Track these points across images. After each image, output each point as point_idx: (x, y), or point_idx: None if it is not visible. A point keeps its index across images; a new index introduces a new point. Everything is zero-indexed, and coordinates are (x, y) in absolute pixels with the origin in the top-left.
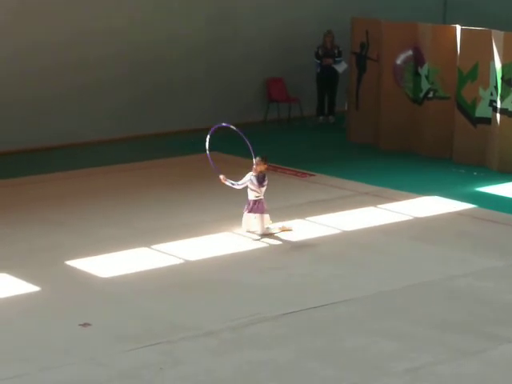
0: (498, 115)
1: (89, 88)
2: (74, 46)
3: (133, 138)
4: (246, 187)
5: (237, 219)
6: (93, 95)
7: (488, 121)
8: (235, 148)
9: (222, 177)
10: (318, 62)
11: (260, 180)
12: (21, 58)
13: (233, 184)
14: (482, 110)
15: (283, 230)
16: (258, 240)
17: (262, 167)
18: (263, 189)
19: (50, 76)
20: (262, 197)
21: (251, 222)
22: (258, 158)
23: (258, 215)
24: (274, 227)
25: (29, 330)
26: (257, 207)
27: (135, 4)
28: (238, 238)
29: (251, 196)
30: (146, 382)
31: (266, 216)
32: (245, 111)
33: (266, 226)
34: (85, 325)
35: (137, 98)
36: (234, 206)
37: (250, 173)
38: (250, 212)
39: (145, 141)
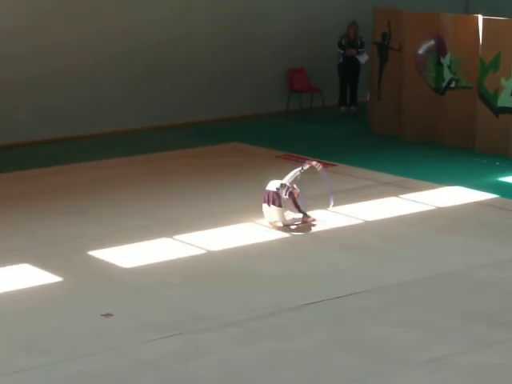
0: None
1: (116, 79)
2: (92, 44)
3: (159, 128)
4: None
5: (259, 209)
6: (119, 85)
7: (510, 110)
8: (257, 139)
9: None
10: (341, 52)
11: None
12: (37, 56)
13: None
14: (504, 100)
15: (305, 222)
16: (280, 230)
17: (310, 166)
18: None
19: (85, 68)
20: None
21: (272, 212)
22: (313, 161)
23: (278, 208)
24: (298, 218)
25: (51, 321)
26: (277, 200)
27: (156, 2)
28: (259, 228)
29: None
30: (169, 372)
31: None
32: (267, 101)
33: (288, 218)
34: (107, 315)
35: (160, 88)
36: (256, 196)
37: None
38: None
39: (170, 131)
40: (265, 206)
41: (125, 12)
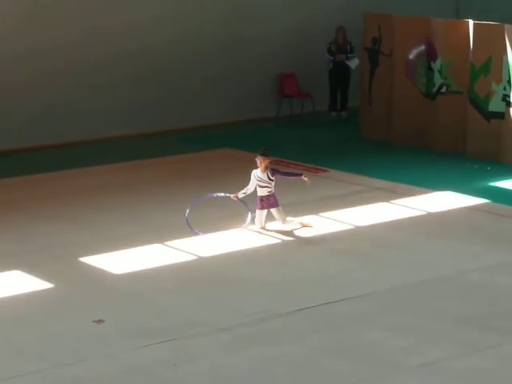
0: (511, 110)
1: (105, 85)
2: (87, 45)
3: (146, 135)
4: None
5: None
6: (108, 92)
7: (501, 115)
8: (247, 144)
9: (232, 196)
10: (331, 58)
11: (272, 174)
12: (35, 56)
13: (244, 193)
14: (495, 105)
15: (304, 225)
16: (271, 236)
17: (267, 162)
18: (273, 183)
19: (73, 73)
20: (273, 190)
21: (264, 217)
22: (259, 156)
23: (275, 209)
24: (296, 221)
25: (43, 327)
26: (273, 201)
27: (149, 3)
28: (251, 234)
29: (263, 192)
30: (160, 378)
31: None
32: (257, 107)
33: (286, 218)
34: (99, 321)
35: (151, 94)
36: (248, 201)
37: (254, 171)
38: (263, 208)
39: (159, 137)
40: (258, 211)
41: (111, 18)
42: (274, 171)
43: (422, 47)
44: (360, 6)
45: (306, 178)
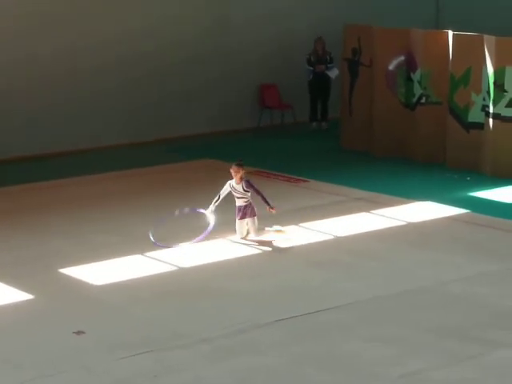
0: (491, 120)
1: (86, 96)
2: (78, 53)
3: (128, 145)
4: (231, 196)
5: (230, 226)
6: (91, 103)
7: (481, 126)
8: (229, 155)
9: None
10: (311, 68)
11: (247, 186)
12: (35, 63)
13: (216, 201)
14: (474, 115)
15: (278, 231)
16: (252, 246)
17: (242, 173)
18: (249, 193)
19: (56, 83)
20: (250, 200)
21: (245, 227)
22: (234, 166)
23: (250, 219)
24: (269, 229)
25: (22, 338)
26: (250, 211)
27: (133, 14)
28: (231, 245)
29: (240, 203)
30: None
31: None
32: (238, 117)
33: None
34: (78, 333)
35: (132, 106)
36: (228, 212)
37: (229, 182)
38: (242, 218)
39: (142, 148)
40: (238, 221)
41: (98, 28)
42: (248, 184)
43: (402, 58)
44: (340, 17)
45: (272, 211)
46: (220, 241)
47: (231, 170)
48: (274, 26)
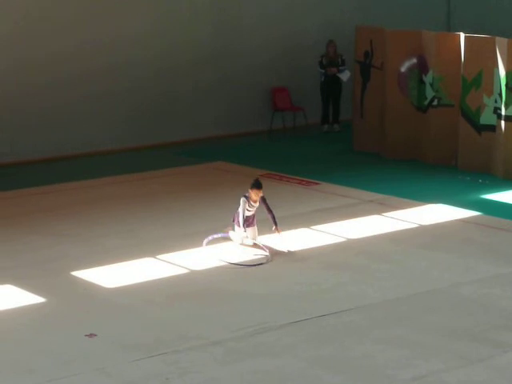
0: (503, 122)
1: (96, 98)
2: (82, 56)
3: (139, 148)
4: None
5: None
6: (100, 105)
7: (493, 128)
8: (241, 158)
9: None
10: (323, 71)
11: (261, 201)
12: (34, 67)
13: (244, 222)
14: (486, 118)
15: (255, 246)
16: (264, 250)
17: (260, 193)
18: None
19: (62, 86)
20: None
21: (256, 233)
22: (256, 190)
23: (252, 228)
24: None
25: (35, 341)
26: (254, 220)
27: (142, 15)
28: (243, 248)
29: (249, 213)
30: None
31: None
32: (250, 121)
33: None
34: (91, 335)
35: (142, 107)
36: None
37: (245, 199)
38: (250, 226)
39: (151, 151)
40: (249, 229)
41: (103, 28)
42: (263, 201)
43: (414, 60)
44: (351, 19)
45: (278, 232)
46: (231, 244)
47: (254, 192)
48: (286, 29)
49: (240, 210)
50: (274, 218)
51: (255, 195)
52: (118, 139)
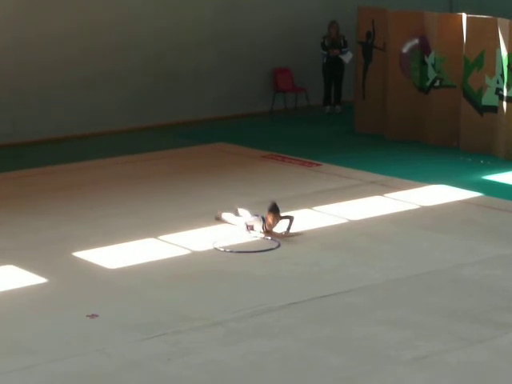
0: (505, 103)
1: (96, 78)
2: (83, 36)
3: (140, 129)
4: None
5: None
6: (101, 86)
7: (494, 109)
8: (242, 139)
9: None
10: (325, 53)
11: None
12: (30, 48)
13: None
14: (488, 99)
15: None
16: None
17: (277, 219)
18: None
19: (61, 66)
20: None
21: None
22: (271, 213)
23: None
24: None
25: (36, 322)
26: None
27: None
28: (244, 230)
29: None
30: (154, 372)
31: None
32: (251, 102)
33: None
34: (92, 316)
35: (143, 88)
36: (241, 196)
37: (258, 218)
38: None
39: (152, 132)
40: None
41: (104, 7)
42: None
43: (416, 41)
44: (353, 0)
45: (285, 234)
46: (233, 226)
47: (271, 217)
48: (287, 10)
49: (247, 220)
50: (291, 222)
51: (272, 220)
52: (119, 120)
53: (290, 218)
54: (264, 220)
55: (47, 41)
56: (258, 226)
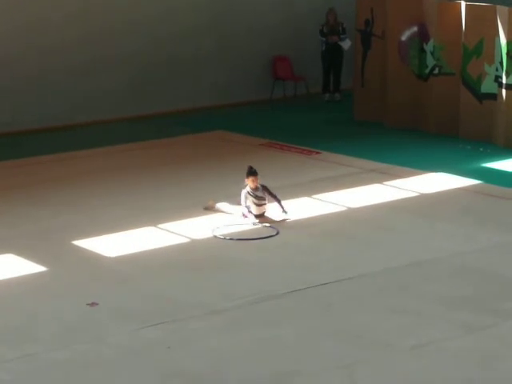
0: (504, 91)
1: (94, 65)
2: (80, 21)
3: (138, 118)
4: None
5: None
6: (98, 72)
7: (493, 96)
8: (241, 127)
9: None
10: (324, 39)
11: (264, 190)
12: (24, 34)
13: (248, 210)
14: (487, 86)
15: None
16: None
17: (257, 180)
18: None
19: (59, 53)
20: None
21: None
22: (252, 176)
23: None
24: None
25: (37, 310)
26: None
27: None
28: (243, 218)
29: (260, 211)
30: (154, 360)
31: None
32: (250, 89)
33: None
34: (92, 304)
35: (140, 76)
36: (239, 184)
37: (245, 191)
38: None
39: (149, 120)
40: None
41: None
42: (265, 188)
43: (415, 29)
44: None
45: (285, 216)
46: (231, 215)
47: (250, 180)
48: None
49: (242, 202)
50: (279, 202)
51: (252, 182)
52: (117, 108)
53: (277, 199)
54: (248, 209)
55: (45, 26)
56: (250, 215)
